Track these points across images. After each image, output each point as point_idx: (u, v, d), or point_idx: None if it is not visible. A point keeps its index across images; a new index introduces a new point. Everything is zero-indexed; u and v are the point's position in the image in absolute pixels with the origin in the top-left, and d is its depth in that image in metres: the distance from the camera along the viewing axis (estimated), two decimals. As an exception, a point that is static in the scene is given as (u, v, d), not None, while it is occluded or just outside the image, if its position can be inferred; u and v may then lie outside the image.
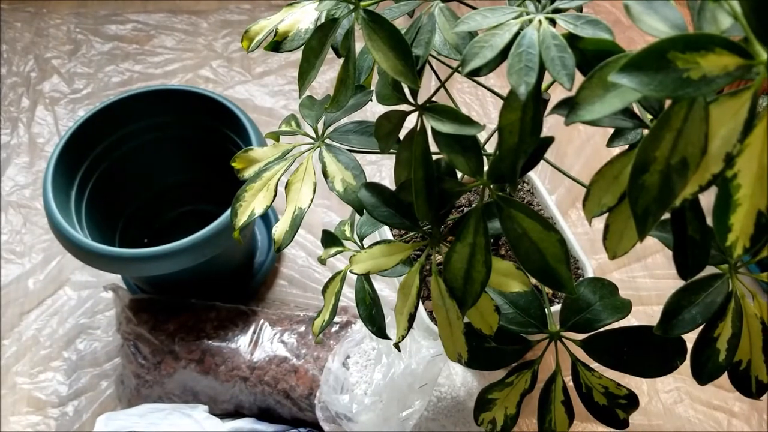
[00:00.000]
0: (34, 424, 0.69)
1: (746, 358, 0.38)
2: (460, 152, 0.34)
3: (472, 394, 0.60)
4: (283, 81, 1.00)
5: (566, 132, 0.92)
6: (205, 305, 0.69)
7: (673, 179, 0.26)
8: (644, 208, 0.27)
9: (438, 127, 0.34)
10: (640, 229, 0.27)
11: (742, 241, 0.27)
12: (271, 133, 0.45)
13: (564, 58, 0.28)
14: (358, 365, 0.60)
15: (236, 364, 0.65)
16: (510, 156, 0.31)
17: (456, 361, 0.40)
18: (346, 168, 0.41)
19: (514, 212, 0.34)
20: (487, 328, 0.40)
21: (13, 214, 0.86)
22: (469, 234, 0.35)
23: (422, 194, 0.35)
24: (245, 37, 0.42)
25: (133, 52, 1.04)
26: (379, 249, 0.41)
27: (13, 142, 0.93)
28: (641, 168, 0.26)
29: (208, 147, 0.74)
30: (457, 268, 0.36)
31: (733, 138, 0.25)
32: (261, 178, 0.42)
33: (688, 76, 0.24)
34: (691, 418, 0.68)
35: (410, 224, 0.39)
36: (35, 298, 0.79)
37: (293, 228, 0.40)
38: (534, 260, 0.34)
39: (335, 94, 0.37)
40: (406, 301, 0.40)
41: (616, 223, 0.31)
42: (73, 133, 0.67)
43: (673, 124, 0.25)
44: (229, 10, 1.10)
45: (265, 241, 0.82)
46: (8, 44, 1.05)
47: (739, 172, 0.26)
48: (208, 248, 0.61)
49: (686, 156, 0.26)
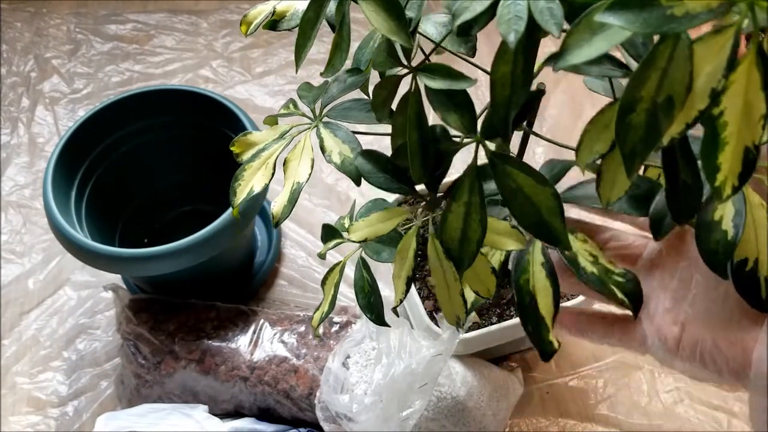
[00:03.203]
0: (34, 424, 0.69)
1: (753, 256, 0.35)
2: (453, 109, 0.35)
3: (472, 394, 0.60)
4: (283, 81, 1.00)
5: (566, 132, 0.92)
6: (205, 305, 0.69)
7: (660, 117, 0.27)
8: (631, 148, 0.27)
9: (431, 84, 0.35)
10: (629, 168, 0.28)
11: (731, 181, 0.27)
12: (269, 117, 0.46)
13: (552, 8, 0.29)
14: (358, 365, 0.60)
15: (236, 364, 0.65)
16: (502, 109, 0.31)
17: (454, 324, 0.40)
18: (343, 141, 0.41)
19: (509, 168, 0.34)
20: (484, 291, 0.40)
21: (13, 214, 0.86)
22: (464, 193, 0.35)
23: (417, 156, 0.36)
24: (243, 21, 0.43)
25: (133, 52, 1.04)
26: (376, 216, 0.42)
27: (13, 141, 0.93)
28: (628, 108, 0.27)
29: (208, 147, 0.74)
30: (453, 228, 0.36)
31: (718, 74, 0.26)
32: (259, 157, 0.42)
33: (672, 12, 0.24)
34: (691, 418, 0.68)
35: (406, 189, 0.40)
36: (35, 298, 0.79)
37: (291, 202, 0.40)
38: (529, 215, 0.34)
39: (330, 58, 0.38)
40: (403, 265, 0.41)
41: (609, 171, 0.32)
42: (73, 133, 0.67)
43: (658, 63, 0.26)
44: (229, 10, 1.10)
45: (265, 241, 0.82)
46: (8, 44, 1.05)
47: (725, 109, 0.26)
48: (208, 248, 0.61)
49: (672, 94, 0.26)
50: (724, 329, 0.36)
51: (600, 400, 0.70)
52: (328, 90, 0.43)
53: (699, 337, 0.36)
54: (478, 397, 0.61)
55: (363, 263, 0.47)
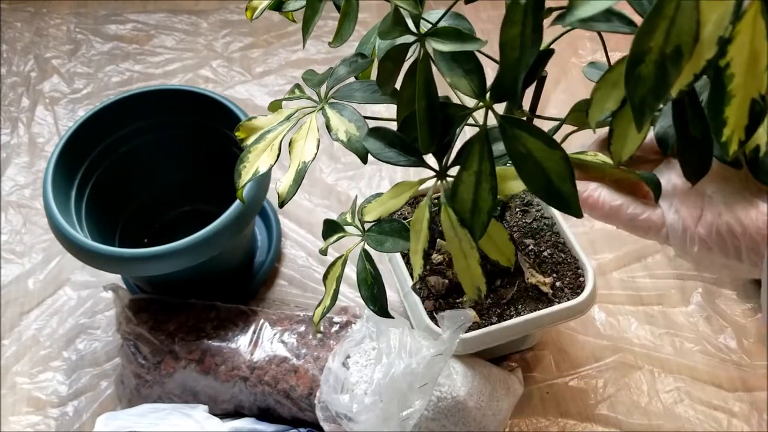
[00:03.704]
0: (34, 424, 0.69)
1: (764, 141, 0.34)
2: (463, 75, 0.35)
3: (472, 394, 0.60)
4: (283, 81, 1.00)
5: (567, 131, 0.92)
6: (205, 305, 0.69)
7: (668, 68, 0.27)
8: (641, 99, 0.27)
9: (440, 48, 0.34)
10: (638, 121, 0.28)
11: (737, 135, 0.27)
12: (274, 102, 0.45)
13: None
14: (359, 365, 0.60)
15: (236, 364, 0.65)
16: (512, 71, 0.31)
17: (475, 296, 0.40)
18: (349, 120, 0.41)
19: (518, 132, 0.33)
20: (504, 260, 0.40)
21: (13, 214, 0.86)
22: (473, 162, 0.35)
23: (426, 123, 0.36)
24: (249, 6, 0.43)
25: (133, 52, 1.04)
26: (387, 194, 0.42)
27: (13, 141, 0.93)
28: (637, 59, 0.27)
29: (208, 147, 0.74)
30: (464, 198, 0.36)
31: (725, 21, 0.25)
32: (264, 139, 0.42)
33: None
34: (691, 418, 0.68)
35: (416, 160, 0.40)
36: (35, 298, 0.79)
37: (297, 182, 0.40)
38: (538, 179, 0.34)
39: (338, 29, 0.38)
40: (419, 238, 0.41)
41: (620, 127, 0.32)
42: (73, 133, 0.67)
43: (666, 12, 0.26)
44: (229, 10, 1.10)
45: (265, 241, 0.82)
46: (8, 44, 1.05)
47: (732, 60, 0.26)
48: (208, 248, 0.61)
49: (680, 44, 0.26)
50: (740, 207, 0.36)
51: (600, 400, 0.70)
52: (334, 73, 0.43)
53: (716, 215, 0.37)
54: (478, 397, 0.61)
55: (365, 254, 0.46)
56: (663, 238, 0.39)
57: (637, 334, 0.74)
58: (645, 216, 0.39)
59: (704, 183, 0.38)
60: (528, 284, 0.61)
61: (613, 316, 0.76)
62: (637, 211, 0.40)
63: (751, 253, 0.36)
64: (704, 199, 0.38)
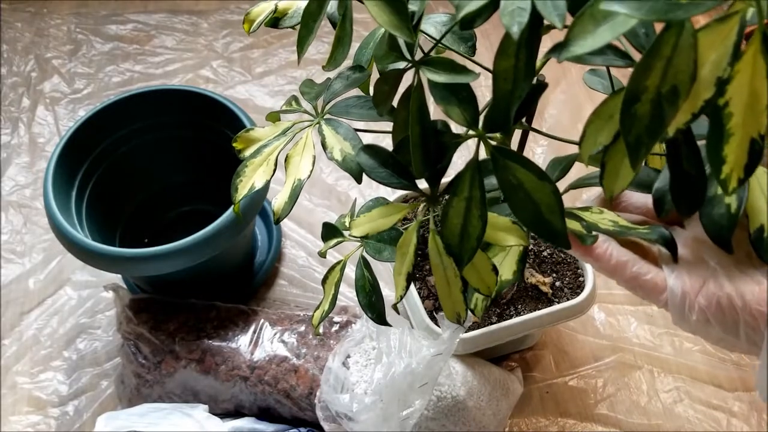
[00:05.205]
0: (34, 423, 0.69)
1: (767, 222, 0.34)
2: (456, 104, 0.35)
3: (472, 394, 0.61)
4: (283, 81, 1.00)
5: (565, 132, 0.92)
6: (205, 305, 0.69)
7: (664, 107, 0.26)
8: (636, 138, 0.27)
9: (434, 78, 0.34)
10: (633, 159, 0.28)
11: (736, 173, 0.27)
12: (272, 114, 0.46)
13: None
14: (359, 365, 0.60)
15: (236, 363, 0.65)
16: (504, 102, 0.31)
17: (454, 321, 0.40)
18: (344, 138, 0.41)
19: (509, 163, 0.33)
20: (485, 288, 0.40)
21: (13, 214, 0.86)
22: (464, 188, 0.35)
23: (419, 149, 0.36)
24: (246, 19, 0.43)
25: (134, 52, 1.04)
26: (378, 211, 0.42)
27: (13, 142, 0.93)
28: (632, 98, 0.27)
29: (209, 147, 0.74)
30: (454, 223, 0.36)
31: (723, 62, 0.25)
32: (261, 153, 0.42)
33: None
34: (691, 418, 0.69)
35: (408, 183, 0.40)
36: (35, 297, 0.79)
37: (292, 199, 0.40)
38: (528, 211, 0.33)
39: (332, 53, 0.38)
40: (403, 261, 0.41)
41: (613, 161, 0.31)
42: (73, 133, 0.67)
43: (662, 52, 0.26)
44: (229, 10, 1.10)
45: (265, 241, 0.82)
46: (8, 44, 1.05)
47: (731, 99, 0.26)
48: (208, 248, 0.61)
49: (677, 84, 0.26)
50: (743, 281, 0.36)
51: (600, 400, 0.70)
52: (330, 87, 0.43)
53: (718, 286, 0.36)
54: (478, 396, 0.61)
55: (364, 262, 0.46)
56: (662, 302, 0.39)
57: (637, 333, 0.74)
58: (649, 277, 0.39)
59: (709, 254, 0.37)
60: (528, 284, 0.61)
61: (612, 315, 0.76)
62: (642, 271, 0.39)
63: (749, 329, 0.35)
64: (708, 269, 0.37)
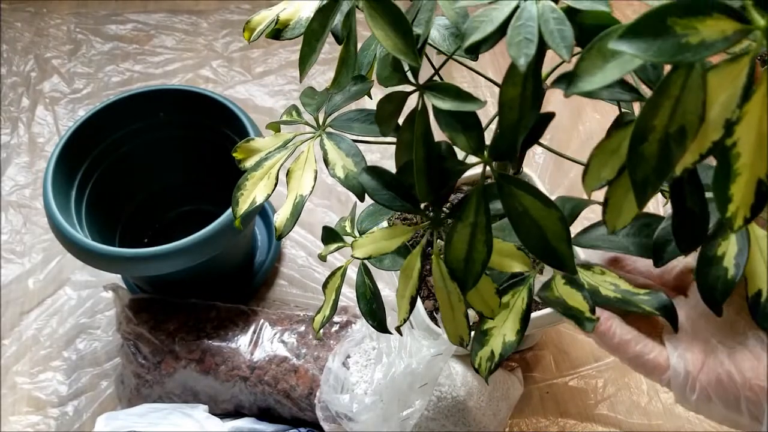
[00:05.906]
0: (34, 423, 0.69)
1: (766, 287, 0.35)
2: (461, 130, 0.34)
3: (472, 394, 0.60)
4: (283, 81, 1.00)
5: (566, 133, 0.92)
6: (205, 305, 0.69)
7: (672, 148, 0.26)
8: (643, 178, 0.27)
9: (439, 105, 0.34)
10: (640, 199, 0.27)
11: (742, 212, 0.27)
12: (272, 123, 0.45)
13: (563, 30, 0.28)
14: (359, 365, 0.60)
15: (236, 363, 0.65)
16: (510, 132, 0.31)
17: (457, 344, 0.40)
18: (347, 155, 0.41)
19: (515, 190, 0.33)
20: (488, 311, 0.40)
21: (13, 214, 0.86)
22: (470, 214, 0.35)
23: (423, 174, 0.35)
24: (246, 27, 0.42)
25: (133, 52, 1.04)
26: (381, 233, 0.41)
27: (13, 141, 0.93)
28: (640, 138, 0.26)
29: (209, 147, 0.74)
30: (458, 249, 0.36)
31: (732, 104, 0.25)
32: (262, 167, 0.42)
33: (687, 41, 0.24)
34: (691, 418, 0.69)
35: (411, 207, 0.39)
36: (35, 297, 0.79)
37: (294, 215, 0.39)
38: (534, 238, 0.33)
39: (336, 75, 0.37)
40: (407, 284, 0.40)
41: (616, 197, 0.31)
42: (73, 132, 0.67)
43: (671, 92, 0.25)
44: (229, 10, 1.10)
45: (265, 241, 0.82)
46: (8, 44, 1.05)
47: (739, 140, 0.26)
48: (208, 248, 0.61)
49: (684, 124, 0.26)
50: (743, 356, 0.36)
51: (600, 400, 0.70)
52: (331, 99, 0.42)
53: (719, 363, 0.36)
54: (478, 396, 0.61)
55: (365, 269, 0.46)
56: (665, 382, 0.38)
57: (637, 334, 0.74)
58: (652, 356, 0.38)
59: (709, 330, 0.37)
60: (528, 284, 0.61)
61: (612, 316, 0.76)
62: (645, 350, 0.39)
63: (751, 405, 0.35)
64: (708, 345, 0.37)
